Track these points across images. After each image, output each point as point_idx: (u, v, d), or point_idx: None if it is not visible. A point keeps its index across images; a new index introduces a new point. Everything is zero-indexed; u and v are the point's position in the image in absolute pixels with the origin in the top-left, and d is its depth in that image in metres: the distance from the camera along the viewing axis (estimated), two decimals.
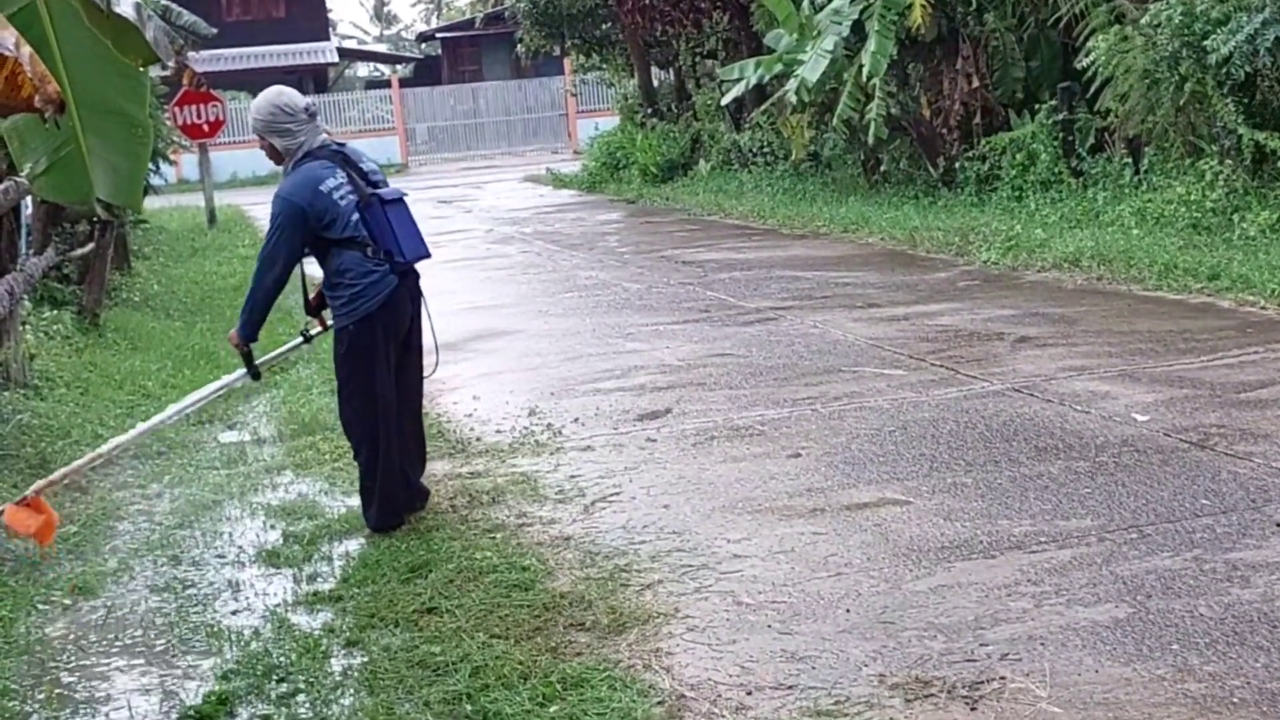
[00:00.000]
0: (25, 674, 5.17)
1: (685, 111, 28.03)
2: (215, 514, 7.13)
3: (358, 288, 6.39)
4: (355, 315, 6.42)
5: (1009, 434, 7.34)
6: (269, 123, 6.45)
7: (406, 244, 6.49)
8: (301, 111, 6.48)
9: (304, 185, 6.36)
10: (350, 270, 6.40)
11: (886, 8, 16.86)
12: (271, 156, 6.60)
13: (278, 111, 6.45)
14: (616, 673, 4.75)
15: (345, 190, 6.39)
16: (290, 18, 51.10)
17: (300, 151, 6.47)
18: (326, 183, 6.37)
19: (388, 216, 6.46)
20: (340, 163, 6.47)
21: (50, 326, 10.95)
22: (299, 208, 6.32)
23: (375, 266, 6.40)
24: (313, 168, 6.41)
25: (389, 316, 6.47)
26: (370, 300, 6.39)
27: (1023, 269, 12.91)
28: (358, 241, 6.39)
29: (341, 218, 6.36)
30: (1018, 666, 4.57)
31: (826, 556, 5.74)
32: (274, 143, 6.48)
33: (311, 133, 6.51)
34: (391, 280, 6.43)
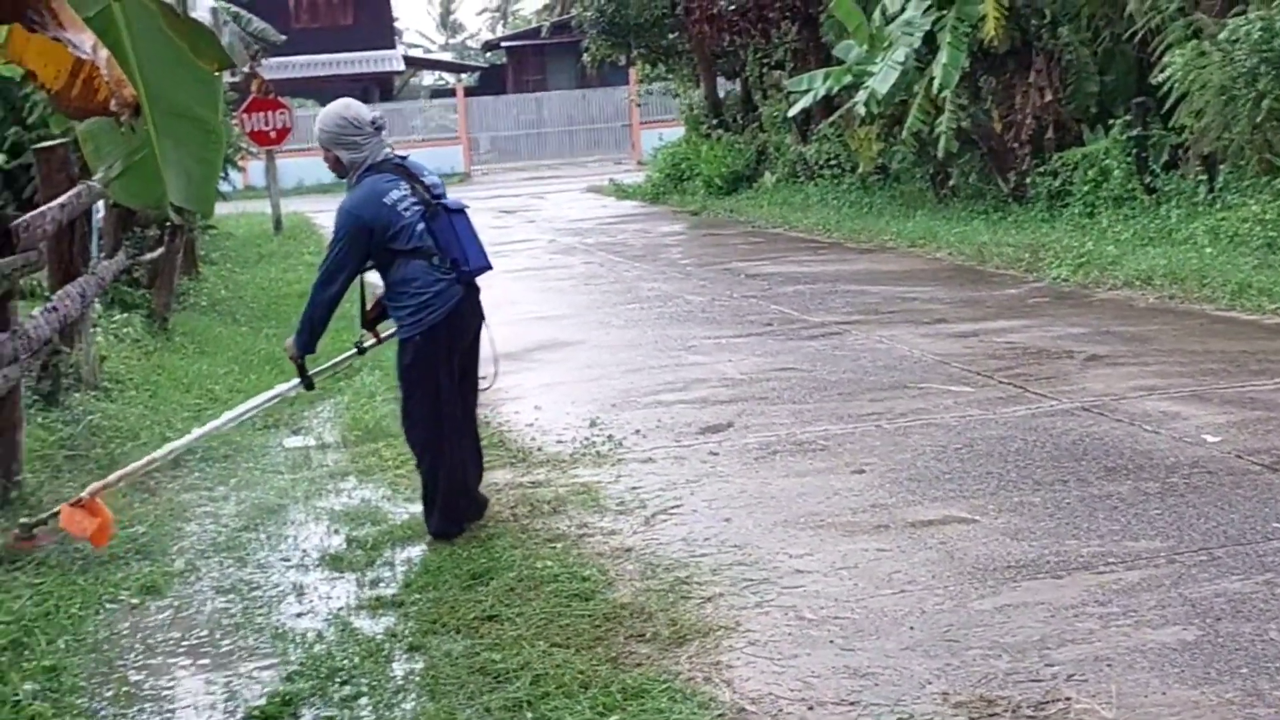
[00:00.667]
0: (94, 671, 5.21)
1: (751, 123, 27.98)
2: (280, 518, 7.17)
3: (424, 297, 6.40)
4: (421, 326, 6.42)
5: (1078, 453, 7.27)
6: (335, 135, 6.47)
7: (472, 254, 6.50)
8: (368, 125, 6.48)
9: (368, 199, 6.38)
10: (417, 280, 6.40)
11: (959, 19, 16.78)
12: (334, 169, 6.62)
13: (345, 124, 6.46)
14: (677, 684, 4.73)
15: (410, 202, 6.40)
16: (357, 26, 51.48)
17: (364, 165, 6.47)
18: (390, 195, 6.38)
19: (454, 226, 6.47)
20: (403, 175, 6.49)
21: (120, 329, 11.05)
22: (363, 221, 6.35)
23: (442, 276, 6.41)
24: (376, 181, 6.42)
25: (454, 327, 6.48)
26: (437, 310, 6.40)
27: (1094, 286, 12.80)
28: (424, 251, 6.40)
29: (407, 229, 6.37)
30: (1084, 687, 4.52)
31: (890, 573, 5.70)
32: (339, 155, 6.50)
33: (376, 147, 6.51)
34: (457, 290, 6.45)
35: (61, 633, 5.46)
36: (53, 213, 7.85)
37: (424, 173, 6.62)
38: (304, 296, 15.70)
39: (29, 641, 5.30)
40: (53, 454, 7.59)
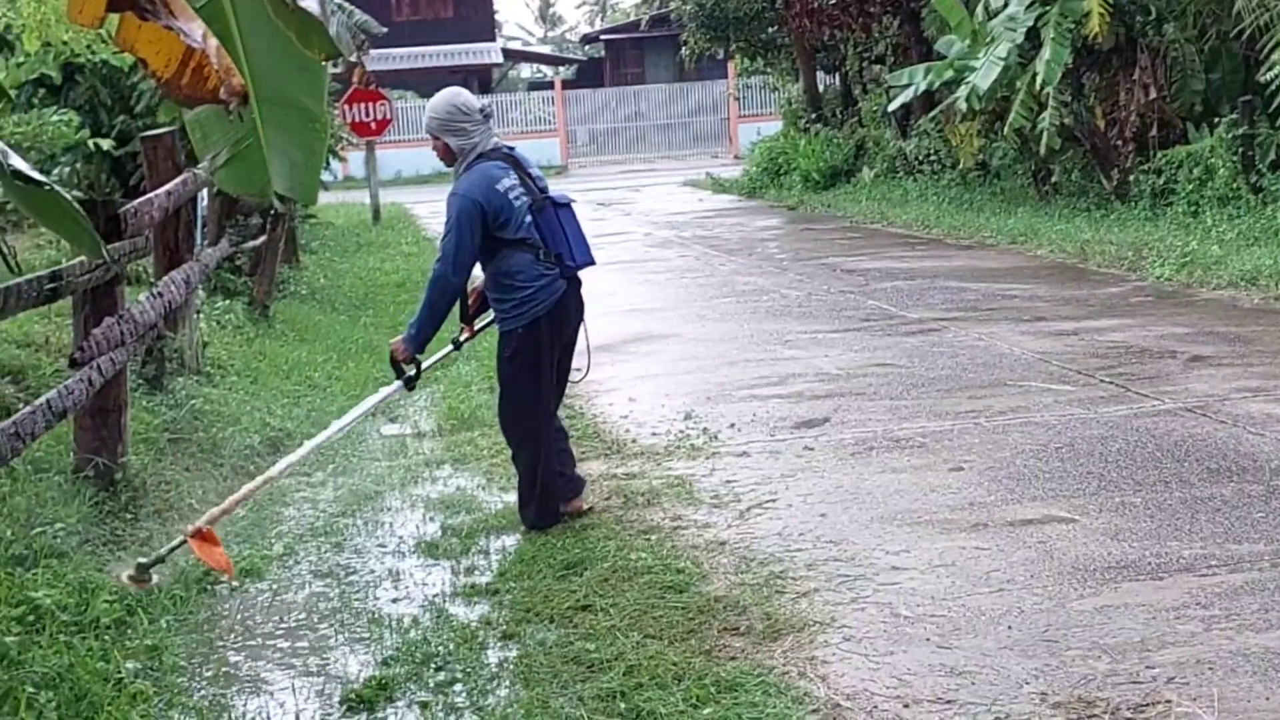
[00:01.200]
0: (194, 651, 5.30)
1: (850, 117, 27.84)
2: (376, 504, 7.24)
3: (528, 290, 6.40)
4: (523, 319, 6.43)
5: (1180, 454, 7.17)
6: (445, 122, 6.46)
7: (576, 249, 6.51)
8: (477, 112, 6.48)
9: (481, 183, 6.36)
10: (521, 273, 6.40)
11: (1063, 15, 16.58)
12: (443, 157, 6.61)
13: (455, 111, 6.45)
14: (771, 679, 4.72)
15: (519, 191, 6.42)
16: (458, 18, 51.76)
17: (474, 152, 6.46)
18: (503, 182, 6.38)
19: (559, 220, 6.49)
20: (512, 165, 6.49)
21: (222, 316, 11.20)
22: (478, 204, 6.32)
23: (546, 270, 6.42)
24: (488, 167, 6.41)
25: (556, 321, 6.49)
26: (540, 304, 6.41)
27: (1197, 286, 12.60)
28: (529, 244, 6.40)
29: (515, 218, 6.38)
30: (1185, 690, 4.46)
31: (988, 572, 5.65)
32: (449, 142, 6.48)
33: (485, 134, 6.51)
34: (561, 284, 6.46)
35: (164, 613, 5.54)
36: (159, 200, 7.97)
37: (530, 165, 6.64)
38: (402, 286, 15.96)
39: (132, 621, 5.38)
40: (156, 437, 7.70)
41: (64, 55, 12.49)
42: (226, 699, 4.89)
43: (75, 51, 12.21)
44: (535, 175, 6.58)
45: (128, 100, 13.41)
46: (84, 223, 3.99)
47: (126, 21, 4.09)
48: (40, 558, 5.80)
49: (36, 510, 6.26)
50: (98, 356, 6.38)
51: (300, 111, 5.63)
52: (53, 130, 11.48)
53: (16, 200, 4.60)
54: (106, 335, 6.55)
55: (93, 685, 4.67)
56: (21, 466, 6.59)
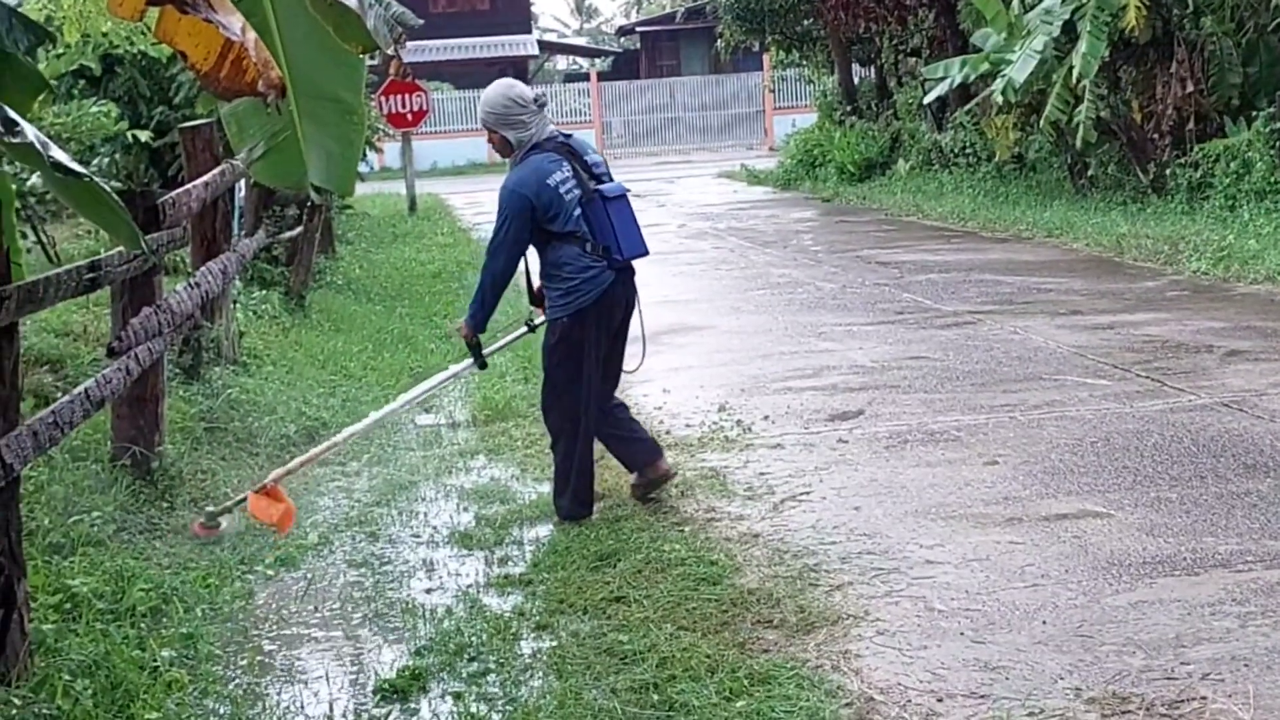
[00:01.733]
0: (229, 640, 5.33)
1: (885, 110, 27.75)
2: (411, 494, 7.27)
3: (574, 282, 6.45)
4: (569, 309, 6.48)
5: (1216, 449, 7.13)
6: (502, 116, 6.49)
7: (625, 241, 6.52)
8: (532, 103, 6.51)
9: (531, 178, 6.40)
10: (568, 264, 6.46)
11: (1100, 8, 16.48)
12: (500, 149, 6.63)
13: (511, 104, 6.48)
14: (804, 672, 4.73)
15: (570, 185, 6.44)
16: (494, 10, 51.83)
17: (530, 143, 6.49)
18: (554, 176, 6.41)
19: (608, 213, 6.49)
20: (566, 155, 6.51)
21: (259, 306, 11.25)
22: (526, 200, 6.37)
23: (593, 262, 6.46)
24: (540, 161, 6.44)
25: (602, 312, 6.52)
26: (585, 295, 6.45)
27: (1234, 280, 12.52)
28: (577, 236, 6.45)
29: (564, 212, 6.42)
30: (1220, 687, 4.45)
31: (1023, 566, 5.64)
32: (506, 135, 6.51)
33: (541, 124, 6.53)
34: (608, 276, 6.49)
35: (199, 601, 5.57)
36: (197, 191, 8.01)
37: (587, 151, 6.66)
38: (438, 277, 16.00)
39: (167, 609, 5.42)
40: (193, 426, 7.75)
41: (103, 47, 12.53)
42: (261, 687, 4.92)
43: (115, 43, 12.25)
44: (593, 163, 6.61)
45: (166, 92, 13.48)
46: (122, 213, 4.01)
47: (166, 14, 4.11)
48: (77, 546, 5.85)
49: (74, 499, 6.31)
50: (135, 346, 6.42)
51: (337, 104, 5.65)
52: (92, 121, 11.53)
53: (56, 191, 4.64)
54: (144, 325, 6.59)
55: (128, 673, 4.70)
56: (59, 455, 6.64)
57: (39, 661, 4.70)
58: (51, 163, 3.59)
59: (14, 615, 4.58)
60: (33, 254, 11.19)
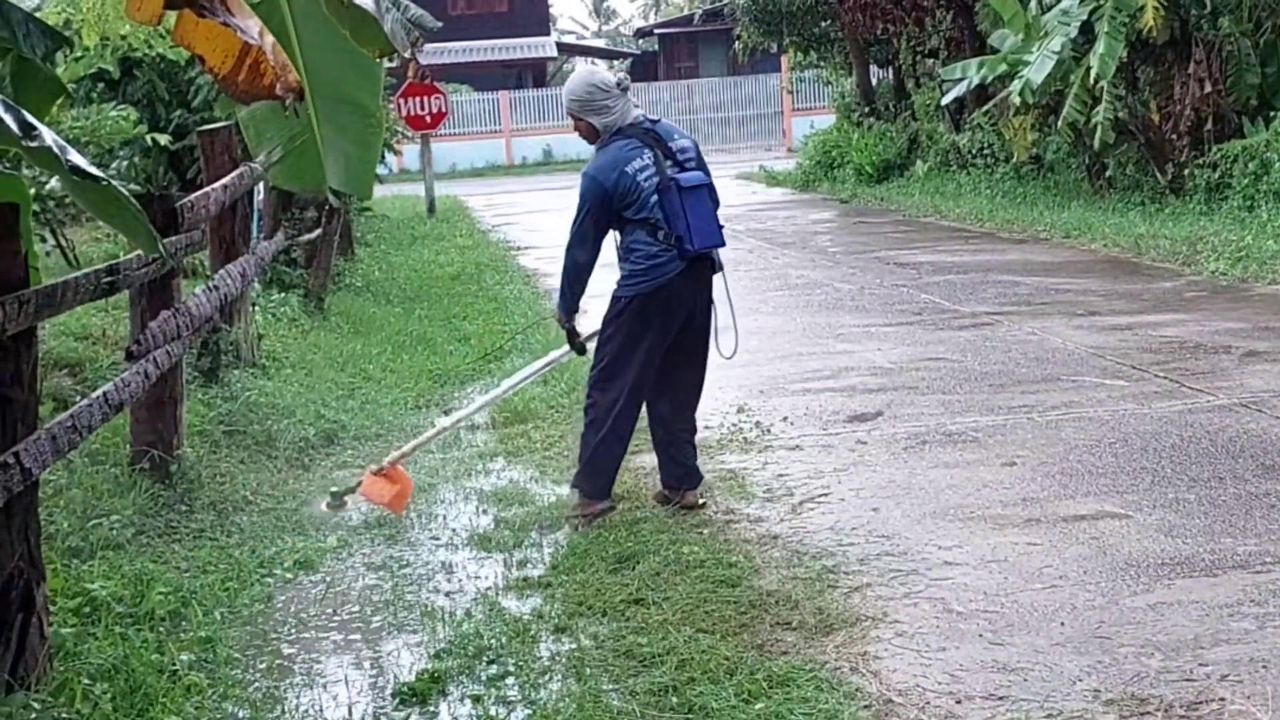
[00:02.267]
0: (248, 643, 5.34)
1: (903, 111, 27.70)
2: (430, 497, 7.27)
3: (641, 267, 6.47)
4: (632, 291, 6.51)
5: (1235, 450, 7.11)
6: (587, 102, 6.53)
7: (698, 232, 6.46)
8: (615, 88, 6.55)
9: (611, 165, 6.45)
10: (639, 250, 6.48)
11: (1117, 9, 16.44)
12: (587, 135, 6.66)
13: (595, 90, 6.52)
14: (823, 674, 4.72)
15: (649, 172, 6.44)
16: (512, 12, 51.87)
17: (615, 128, 6.53)
18: (632, 164, 6.43)
19: (683, 202, 6.45)
20: (650, 142, 6.51)
21: (278, 308, 11.27)
22: (604, 187, 6.42)
23: (661, 251, 6.45)
24: (620, 148, 6.48)
25: (662, 301, 6.50)
26: (648, 281, 6.46)
27: (1253, 281, 12.48)
28: (651, 223, 6.45)
29: (641, 199, 6.43)
30: (1239, 688, 4.43)
31: (1041, 568, 5.63)
32: (593, 122, 6.55)
33: (626, 109, 6.57)
34: (675, 267, 6.46)
35: (218, 605, 5.59)
36: (215, 194, 8.03)
37: (674, 136, 6.64)
38: (457, 279, 16.03)
39: (186, 613, 5.43)
40: (211, 429, 7.77)
41: (122, 50, 12.60)
42: (280, 691, 4.93)
43: (133, 46, 12.31)
44: (679, 148, 6.59)
45: (185, 95, 13.51)
46: (140, 217, 4.02)
47: (184, 18, 4.13)
48: (96, 549, 5.87)
49: (93, 502, 6.33)
50: (154, 349, 6.45)
51: (355, 107, 5.67)
52: (111, 125, 11.57)
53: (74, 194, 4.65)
54: (163, 328, 6.61)
55: (147, 677, 4.71)
56: (78, 459, 6.67)
57: (58, 665, 4.72)
58: (69, 166, 3.60)
59: (33, 619, 4.60)
60: (51, 257, 11.24)
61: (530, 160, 44.42)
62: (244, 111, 5.91)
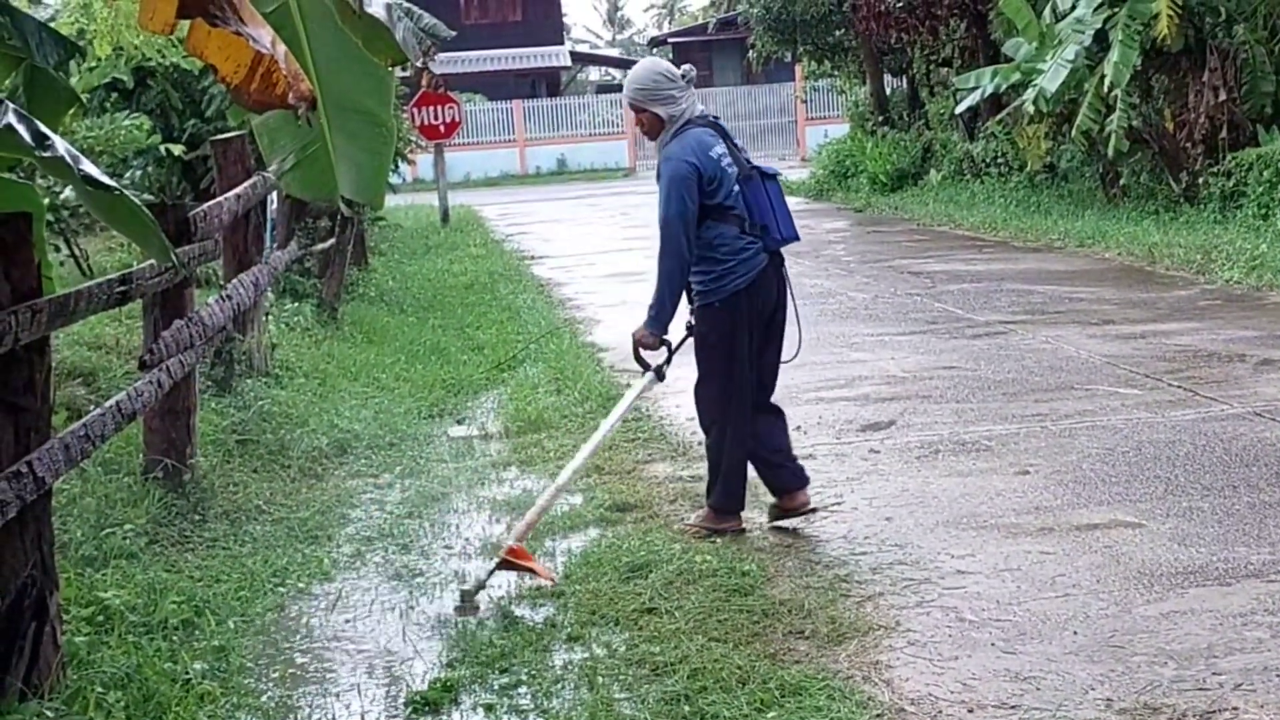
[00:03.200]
0: (261, 653, 5.34)
1: (917, 120, 27.71)
2: (443, 506, 7.27)
3: (729, 264, 6.23)
4: (722, 293, 6.26)
5: (1249, 459, 7.09)
6: (651, 91, 6.30)
7: (783, 222, 6.33)
8: (680, 78, 6.32)
9: (695, 147, 6.22)
10: (723, 244, 6.23)
11: (1131, 17, 16.43)
12: (649, 130, 6.42)
13: (660, 78, 6.30)
14: (835, 683, 4.72)
15: (729, 160, 6.28)
16: (526, 22, 51.97)
17: (681, 119, 6.30)
18: (714, 149, 6.25)
19: (766, 191, 6.31)
20: (720, 133, 6.37)
21: (291, 318, 11.28)
22: (693, 166, 6.16)
23: (748, 244, 6.25)
24: (699, 133, 6.28)
25: (755, 296, 6.31)
26: (739, 278, 6.24)
27: (1267, 289, 12.45)
28: (734, 214, 6.24)
29: (725, 186, 6.22)
30: (1252, 697, 4.42)
31: (1054, 576, 5.62)
32: (657, 112, 6.30)
33: (691, 100, 6.36)
34: (762, 259, 6.29)
35: (231, 614, 5.58)
36: (229, 203, 8.04)
37: (734, 136, 6.50)
38: (470, 288, 15.99)
39: (199, 622, 5.43)
40: (224, 438, 7.77)
41: (135, 60, 12.64)
42: (293, 700, 4.93)
43: (146, 56, 12.35)
44: (740, 147, 6.45)
45: (198, 104, 13.56)
46: (153, 226, 4.04)
47: (196, 28, 4.14)
48: (109, 558, 5.88)
49: (106, 511, 6.34)
50: (167, 359, 6.45)
51: (367, 116, 5.69)
52: (124, 134, 11.62)
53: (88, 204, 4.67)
54: (176, 337, 6.62)
55: (161, 685, 4.72)
56: (92, 468, 6.68)
57: (72, 674, 4.72)
58: (82, 176, 3.62)
59: (46, 628, 4.61)
60: (65, 267, 11.28)
61: (544, 169, 44.50)
62: (258, 120, 5.94)
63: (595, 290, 15.41)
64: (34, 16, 5.34)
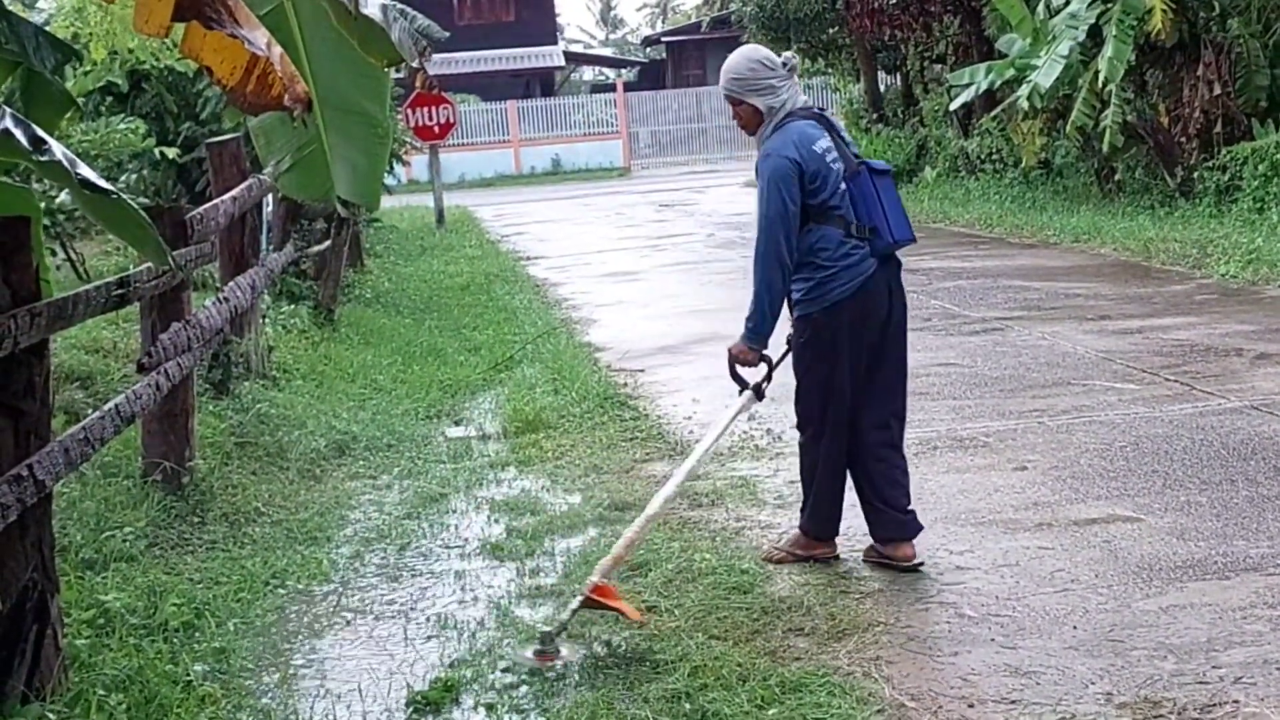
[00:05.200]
0: (261, 653, 5.34)
1: (911, 117, 27.74)
2: (442, 506, 7.28)
3: (830, 270, 5.65)
4: (823, 302, 5.69)
5: (1246, 453, 7.10)
6: (749, 81, 5.78)
7: (895, 222, 5.74)
8: (781, 66, 5.82)
9: (799, 141, 5.67)
10: (825, 249, 5.65)
11: (1125, 12, 16.45)
12: (748, 124, 5.87)
13: (759, 67, 5.78)
14: (835, 679, 4.72)
15: (834, 155, 5.73)
16: (519, 22, 51.95)
17: (782, 110, 5.77)
18: (819, 143, 5.70)
19: (877, 189, 5.74)
20: (825, 126, 5.85)
21: (288, 320, 11.28)
22: (794, 162, 5.61)
23: (854, 248, 5.67)
24: (803, 126, 5.73)
25: (862, 306, 5.72)
26: (843, 286, 5.66)
27: (1263, 284, 12.46)
28: (839, 215, 5.67)
29: (830, 184, 5.66)
30: (1252, 691, 4.43)
31: (1053, 572, 5.63)
32: (756, 104, 5.77)
33: (793, 90, 5.84)
34: (870, 265, 5.68)
35: (231, 616, 5.59)
36: (225, 205, 8.05)
37: (841, 129, 5.96)
38: (466, 289, 15.98)
39: (200, 624, 5.44)
40: (223, 441, 7.78)
41: (130, 63, 12.64)
42: (293, 701, 4.93)
43: (141, 59, 12.35)
44: (847, 140, 5.91)
45: (194, 107, 13.55)
46: (149, 229, 4.04)
47: (191, 30, 4.14)
48: (110, 561, 5.89)
49: (106, 514, 6.34)
50: (165, 361, 6.46)
51: (363, 117, 5.68)
52: (120, 138, 11.61)
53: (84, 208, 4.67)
54: (173, 340, 6.62)
55: (162, 687, 4.73)
56: (91, 471, 6.68)
57: (73, 677, 4.73)
58: (79, 180, 3.62)
59: (48, 631, 4.61)
60: (62, 271, 11.27)
61: (539, 170, 44.50)
62: (253, 122, 5.93)
63: (591, 290, 15.40)
64: (31, 20, 5.34)
